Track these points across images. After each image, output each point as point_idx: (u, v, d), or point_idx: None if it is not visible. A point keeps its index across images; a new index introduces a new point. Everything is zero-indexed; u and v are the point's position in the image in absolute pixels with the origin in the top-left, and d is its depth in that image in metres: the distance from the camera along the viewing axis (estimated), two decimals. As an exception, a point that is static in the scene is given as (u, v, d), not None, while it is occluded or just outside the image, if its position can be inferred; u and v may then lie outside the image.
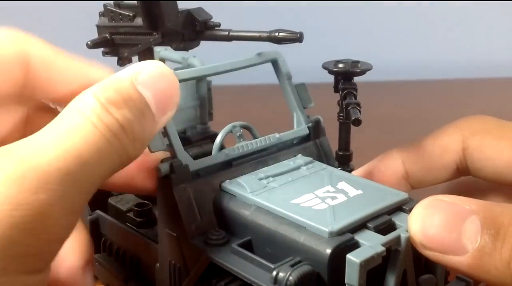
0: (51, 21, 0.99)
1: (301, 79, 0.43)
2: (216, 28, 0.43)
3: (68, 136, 0.29)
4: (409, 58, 1.10)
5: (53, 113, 0.35)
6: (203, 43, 0.44)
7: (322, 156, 0.43)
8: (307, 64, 0.62)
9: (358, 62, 0.39)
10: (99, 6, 0.46)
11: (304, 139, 0.43)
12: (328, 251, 0.31)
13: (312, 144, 0.43)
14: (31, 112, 0.37)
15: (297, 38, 0.39)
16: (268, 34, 0.40)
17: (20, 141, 0.29)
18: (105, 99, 0.30)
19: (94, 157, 0.29)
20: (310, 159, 0.40)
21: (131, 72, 0.32)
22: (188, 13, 0.42)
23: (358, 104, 0.36)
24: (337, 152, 0.42)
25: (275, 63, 0.43)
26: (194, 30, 0.43)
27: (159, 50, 0.54)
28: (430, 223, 0.30)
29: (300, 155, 0.41)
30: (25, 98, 0.35)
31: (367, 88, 0.38)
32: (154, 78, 0.32)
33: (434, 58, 1.11)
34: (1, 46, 0.34)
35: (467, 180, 0.42)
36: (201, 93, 0.51)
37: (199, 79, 0.50)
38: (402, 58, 1.09)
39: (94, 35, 0.46)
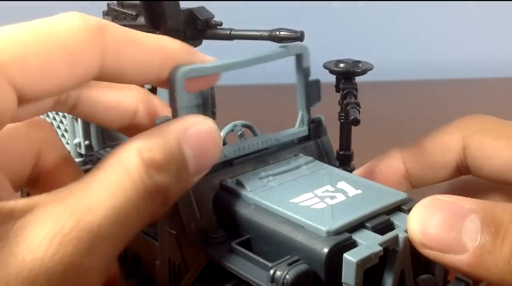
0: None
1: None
2: (217, 27, 0.43)
3: (114, 195, 0.29)
4: (409, 58, 1.09)
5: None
6: (204, 42, 0.45)
7: (323, 155, 0.43)
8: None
9: (359, 62, 0.39)
10: (103, 5, 0.47)
11: (305, 138, 0.43)
12: (325, 250, 0.31)
13: (313, 143, 0.43)
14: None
15: (298, 37, 0.39)
16: (269, 33, 0.40)
17: (68, 191, 0.29)
18: (149, 160, 0.30)
19: (134, 218, 0.29)
20: (310, 158, 0.40)
21: (178, 129, 0.31)
22: (190, 12, 0.43)
23: (358, 104, 0.36)
24: (338, 152, 0.42)
25: (299, 57, 0.41)
26: (196, 29, 0.43)
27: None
28: (429, 222, 0.30)
29: (300, 154, 0.41)
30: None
31: (367, 88, 0.38)
32: (200, 137, 0.32)
33: (434, 58, 1.10)
34: (78, 38, 0.30)
35: (467, 179, 0.42)
36: (204, 92, 0.51)
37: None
38: (402, 58, 1.08)
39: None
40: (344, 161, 0.41)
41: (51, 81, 0.29)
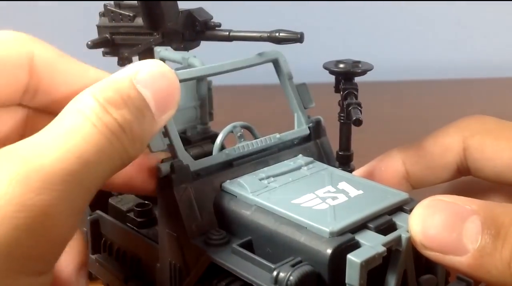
0: (52, 21, 0.99)
1: (301, 80, 0.43)
2: (216, 28, 0.43)
3: (70, 137, 0.29)
4: (409, 58, 1.10)
5: (53, 115, 0.35)
6: (203, 43, 0.44)
7: (322, 156, 0.43)
8: (307, 64, 0.62)
9: (359, 62, 0.39)
10: (100, 6, 0.46)
11: (305, 139, 0.43)
12: (329, 251, 0.31)
13: (312, 144, 0.43)
14: (31, 114, 0.37)
15: (297, 38, 0.39)
16: (268, 35, 0.40)
17: (21, 142, 0.29)
18: (104, 100, 0.30)
19: (95, 156, 0.29)
20: (310, 159, 0.40)
21: (130, 71, 0.32)
22: (189, 13, 0.42)
23: (359, 105, 0.36)
24: (338, 152, 0.42)
25: (276, 63, 0.43)
26: (195, 30, 0.43)
27: (159, 50, 0.54)
28: (430, 223, 0.30)
29: (300, 155, 0.41)
30: (27, 100, 0.35)
31: (367, 88, 0.38)
32: (153, 77, 0.32)
33: (434, 58, 1.11)
34: (5, 48, 0.34)
35: (467, 180, 0.42)
36: (202, 93, 0.51)
37: (199, 79, 0.50)
38: (402, 58, 1.09)
39: (95, 35, 0.46)
40: (344, 162, 0.41)
41: None
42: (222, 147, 0.40)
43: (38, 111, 0.37)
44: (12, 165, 0.28)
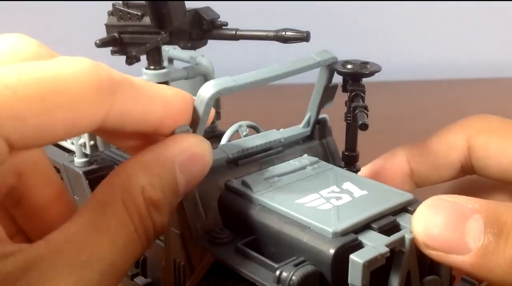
0: (62, 20, 0.99)
1: (308, 79, 0.43)
2: (223, 27, 0.43)
3: (114, 246, 0.28)
4: (409, 58, 1.09)
5: None
6: (211, 42, 0.45)
7: (328, 155, 0.43)
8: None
9: (367, 63, 0.39)
10: (108, 5, 0.47)
11: (310, 139, 0.43)
12: (332, 251, 0.31)
13: (318, 143, 0.43)
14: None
15: (303, 37, 0.39)
16: (275, 34, 0.40)
17: (70, 238, 0.28)
18: (151, 202, 0.30)
19: (129, 262, 0.30)
20: (316, 158, 0.40)
21: (176, 153, 0.31)
22: (196, 12, 0.43)
23: (366, 108, 0.36)
24: (344, 152, 0.42)
25: (329, 66, 0.39)
26: (202, 29, 0.43)
27: (167, 49, 0.54)
28: (432, 223, 0.30)
29: (306, 155, 0.41)
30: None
31: (369, 88, 0.38)
32: (194, 162, 0.32)
33: (434, 58, 1.10)
34: (80, 89, 0.28)
35: (472, 179, 0.42)
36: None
37: (206, 77, 0.51)
38: (402, 58, 1.08)
39: (103, 34, 0.47)
40: (350, 162, 0.41)
41: (46, 137, 0.27)
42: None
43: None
44: (64, 280, 0.27)
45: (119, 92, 0.29)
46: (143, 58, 0.47)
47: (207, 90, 0.33)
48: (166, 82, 0.46)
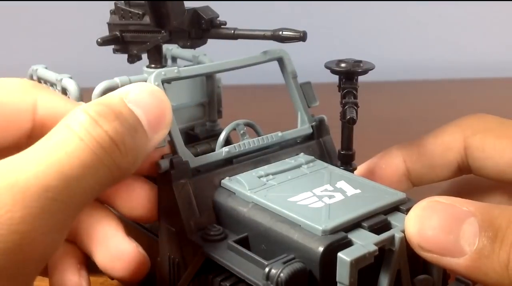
0: (64, 20, 1.00)
1: (304, 79, 0.43)
2: (222, 26, 0.43)
3: (52, 152, 0.28)
4: (409, 58, 1.09)
5: None
6: (213, 41, 0.45)
7: (325, 155, 0.43)
8: (310, 63, 0.62)
9: (360, 61, 0.39)
10: (111, 4, 0.47)
11: (308, 138, 0.43)
12: (320, 249, 0.31)
13: (315, 142, 0.43)
14: None
15: (300, 37, 0.40)
16: (272, 33, 0.40)
17: (5, 159, 0.29)
18: (95, 113, 0.30)
19: (79, 171, 0.29)
20: (311, 157, 0.41)
21: (120, 91, 0.33)
22: (195, 12, 0.43)
23: (356, 104, 0.36)
24: (340, 151, 0.42)
25: (280, 61, 0.43)
26: (200, 28, 0.43)
27: (171, 48, 0.54)
28: (427, 225, 0.30)
29: (302, 154, 0.41)
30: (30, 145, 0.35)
31: (367, 88, 0.38)
32: (144, 96, 0.33)
33: (434, 58, 1.09)
34: (9, 94, 0.35)
35: (468, 179, 0.42)
36: (210, 90, 0.51)
37: (208, 76, 0.51)
38: (402, 58, 1.08)
39: (105, 32, 0.47)
40: (346, 161, 0.41)
41: None
42: (226, 144, 0.41)
43: None
44: None
45: (41, 88, 0.36)
46: (145, 56, 0.48)
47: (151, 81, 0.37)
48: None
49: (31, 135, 0.35)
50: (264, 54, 0.42)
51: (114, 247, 0.35)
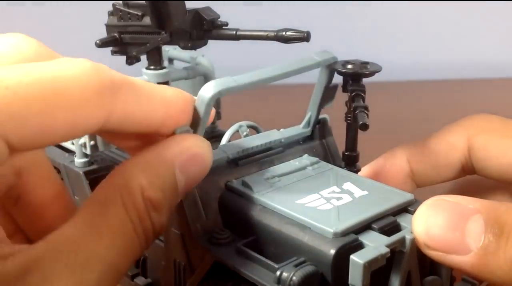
0: (62, 21, 0.99)
1: (308, 79, 0.43)
2: (223, 27, 0.43)
3: (114, 246, 0.28)
4: (409, 58, 1.09)
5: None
6: (211, 42, 0.45)
7: (328, 156, 0.43)
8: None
9: (367, 63, 0.39)
10: (108, 5, 0.47)
11: (311, 139, 0.43)
12: (332, 251, 0.31)
13: (318, 143, 0.43)
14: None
15: (304, 37, 0.39)
16: (275, 34, 0.40)
17: (69, 238, 0.28)
18: (150, 202, 0.30)
19: (129, 263, 0.29)
20: (316, 159, 0.40)
21: (176, 153, 0.31)
22: (196, 13, 0.43)
23: (366, 108, 0.36)
24: (344, 152, 0.42)
25: (329, 66, 0.39)
26: (202, 29, 0.43)
27: (168, 49, 0.54)
28: (433, 223, 0.30)
29: (306, 155, 0.41)
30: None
31: (369, 89, 0.38)
32: (194, 162, 0.32)
33: (434, 58, 1.10)
34: (79, 94, 0.27)
35: (472, 179, 0.42)
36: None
37: (207, 78, 0.51)
38: (402, 58, 1.08)
39: (103, 34, 0.47)
40: (350, 162, 0.41)
41: (46, 139, 0.26)
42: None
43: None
44: (64, 281, 0.27)
45: (120, 93, 0.28)
46: (143, 58, 0.47)
47: (208, 90, 0.33)
48: (166, 83, 0.46)
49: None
50: (317, 61, 0.38)
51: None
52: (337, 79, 0.41)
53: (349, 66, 0.38)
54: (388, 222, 0.33)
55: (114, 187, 0.30)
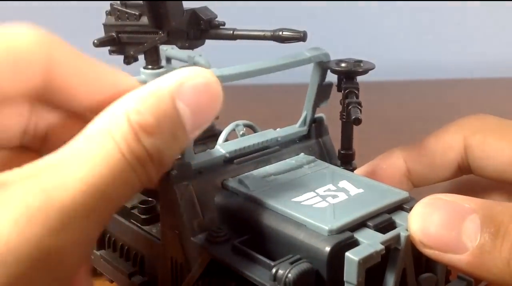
0: (59, 20, 0.99)
1: (304, 78, 0.43)
2: (220, 27, 0.43)
3: (96, 167, 0.27)
4: (409, 58, 1.09)
5: (77, 119, 0.33)
6: (209, 42, 0.45)
7: (325, 154, 0.43)
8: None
9: (360, 61, 0.39)
10: (106, 5, 0.47)
11: (307, 137, 0.43)
12: (327, 249, 0.31)
13: (315, 142, 0.43)
14: (46, 115, 0.34)
15: (300, 37, 0.40)
16: (272, 33, 0.40)
17: (42, 165, 0.27)
18: (138, 125, 0.28)
19: (120, 189, 0.28)
20: (312, 157, 0.41)
21: (173, 84, 0.29)
22: (193, 12, 0.43)
23: (359, 104, 0.37)
24: (340, 151, 0.42)
25: (320, 63, 0.40)
26: (199, 29, 0.43)
27: (165, 49, 0.54)
28: (430, 222, 0.30)
29: (302, 154, 0.41)
30: (42, 102, 0.33)
31: (368, 88, 0.38)
32: (197, 91, 0.29)
33: (434, 58, 1.10)
34: (24, 44, 0.30)
35: (469, 179, 0.42)
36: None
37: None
38: (402, 58, 1.09)
39: (101, 33, 0.47)
40: (346, 160, 0.41)
41: None
42: (225, 145, 0.40)
43: (55, 116, 0.34)
44: (32, 199, 0.26)
45: (59, 42, 0.31)
46: (141, 57, 0.47)
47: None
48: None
49: (44, 89, 0.31)
50: (307, 57, 0.39)
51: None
52: (332, 78, 0.41)
53: (343, 64, 0.39)
54: (383, 219, 0.33)
55: (102, 117, 0.29)
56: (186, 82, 0.29)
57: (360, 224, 0.33)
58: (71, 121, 0.33)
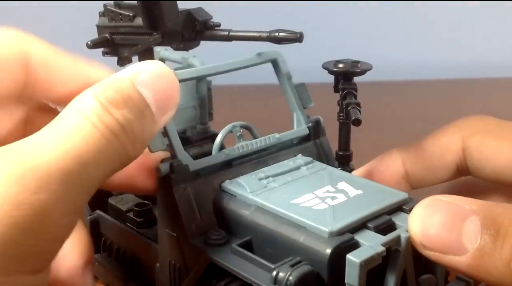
0: (51, 21, 0.99)
1: (301, 79, 0.43)
2: (216, 28, 0.43)
3: (68, 137, 0.29)
4: (409, 58, 1.10)
5: (53, 113, 0.35)
6: (203, 43, 0.44)
7: (322, 156, 0.43)
8: (307, 64, 0.62)
9: (358, 62, 0.39)
10: (99, 6, 0.46)
11: (304, 139, 0.43)
12: (328, 251, 0.31)
13: (312, 144, 0.43)
14: (31, 112, 0.37)
15: (297, 38, 0.39)
16: (268, 34, 0.40)
17: (19, 142, 0.29)
18: (105, 99, 0.30)
19: (94, 157, 0.29)
20: (310, 159, 0.40)
21: (131, 72, 0.32)
22: (188, 13, 0.42)
23: (358, 104, 0.36)
24: (337, 152, 0.42)
25: (275, 63, 0.43)
26: (194, 30, 0.43)
27: (159, 50, 0.54)
28: (430, 223, 0.30)
29: (300, 155, 0.41)
30: (25, 98, 0.36)
31: (367, 88, 0.38)
32: (154, 78, 0.32)
33: (434, 58, 1.11)
34: (1, 45, 0.34)
35: (467, 180, 0.42)
36: (201, 93, 0.51)
37: (199, 79, 0.50)
38: (402, 58, 1.09)
39: (94, 35, 0.46)
40: (343, 161, 0.41)
41: None
42: (222, 147, 0.40)
43: (39, 111, 0.37)
44: (8, 164, 0.28)
45: (33, 39, 0.35)
46: (135, 59, 0.47)
47: None
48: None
49: (25, 88, 0.35)
50: (259, 56, 0.42)
51: None
52: (329, 78, 0.41)
53: (340, 65, 0.39)
54: (383, 220, 0.33)
55: (69, 104, 0.31)
56: (142, 70, 0.32)
57: (360, 226, 0.33)
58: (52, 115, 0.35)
